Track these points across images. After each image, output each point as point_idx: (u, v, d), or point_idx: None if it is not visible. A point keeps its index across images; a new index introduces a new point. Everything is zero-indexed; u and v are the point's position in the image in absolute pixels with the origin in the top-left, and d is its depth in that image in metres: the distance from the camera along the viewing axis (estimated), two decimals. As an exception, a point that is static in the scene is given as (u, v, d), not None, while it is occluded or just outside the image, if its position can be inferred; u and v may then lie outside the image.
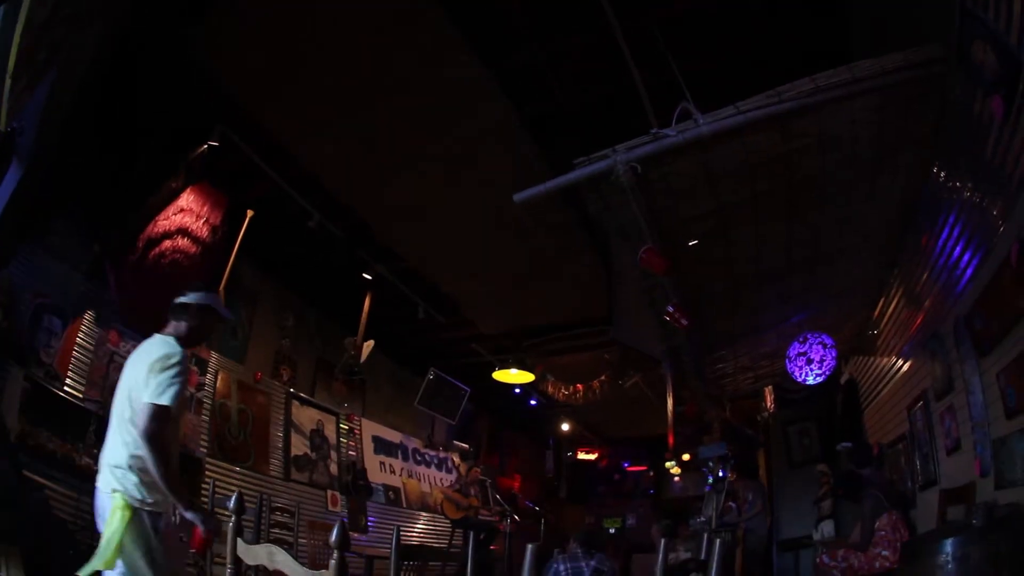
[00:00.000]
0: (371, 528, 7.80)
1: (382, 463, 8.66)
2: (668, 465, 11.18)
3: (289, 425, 7.18)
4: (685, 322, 4.53)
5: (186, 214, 5.39)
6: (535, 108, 4.91)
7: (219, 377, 6.34)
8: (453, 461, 9.36)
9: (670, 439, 8.35)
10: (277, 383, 7.22)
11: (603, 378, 9.19)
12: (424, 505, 9.01)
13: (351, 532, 6.89)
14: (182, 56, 4.43)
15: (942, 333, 4.12)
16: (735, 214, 4.10)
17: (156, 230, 5.18)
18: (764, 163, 3.59)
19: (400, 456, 9.12)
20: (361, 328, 7.20)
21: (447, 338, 8.89)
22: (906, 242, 4.67)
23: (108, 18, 3.42)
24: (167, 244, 5.29)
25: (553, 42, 4.40)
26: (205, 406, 6.08)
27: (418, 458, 9.50)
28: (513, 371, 8.79)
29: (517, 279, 7.16)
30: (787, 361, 5.95)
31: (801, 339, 5.84)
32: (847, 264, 5.05)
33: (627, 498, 13.79)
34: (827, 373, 5.81)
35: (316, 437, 7.57)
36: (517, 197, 3.59)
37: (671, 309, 4.50)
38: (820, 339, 5.76)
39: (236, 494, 2.35)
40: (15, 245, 4.13)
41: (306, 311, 7.81)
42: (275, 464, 6.81)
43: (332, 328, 7.99)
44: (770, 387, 8.56)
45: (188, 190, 5.34)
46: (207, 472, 5.79)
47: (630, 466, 14.14)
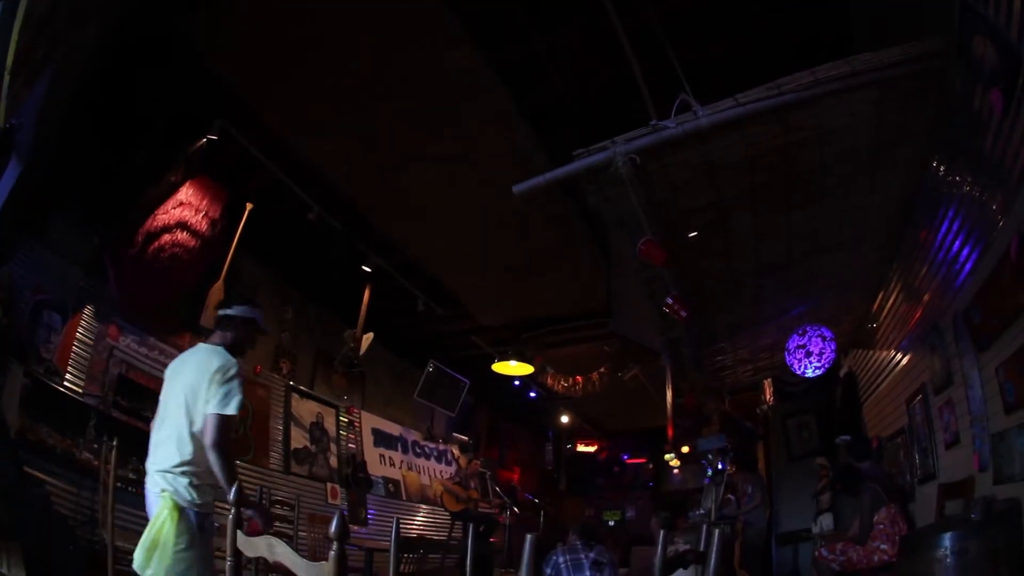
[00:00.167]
0: (371, 520, 7.82)
1: (382, 456, 8.67)
2: (667, 457, 11.18)
3: (289, 418, 7.20)
4: (684, 314, 4.53)
5: (185, 208, 5.37)
6: (535, 99, 4.90)
7: (219, 371, 6.32)
8: (453, 453, 9.39)
9: (669, 431, 8.38)
10: (277, 376, 7.23)
11: (602, 370, 9.19)
12: (424, 497, 9.03)
13: (351, 525, 6.94)
14: (181, 50, 4.41)
15: (941, 327, 4.12)
16: (734, 206, 4.09)
17: (155, 224, 5.17)
18: (763, 155, 3.58)
19: (400, 449, 9.13)
20: (360, 321, 7.21)
21: (446, 330, 8.90)
22: (905, 236, 4.67)
23: (107, 14, 3.41)
24: (166, 238, 5.27)
25: (552, 33, 4.39)
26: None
27: (418, 450, 9.51)
28: (512, 363, 8.79)
29: (516, 271, 7.16)
30: (786, 354, 5.95)
31: (800, 332, 5.84)
32: (846, 257, 5.05)
33: (626, 490, 13.83)
34: (826, 366, 5.81)
35: (316, 430, 7.58)
36: (516, 188, 3.59)
37: (670, 301, 4.49)
38: (819, 332, 5.77)
39: (236, 486, 2.36)
40: (15, 241, 4.12)
41: (306, 304, 7.81)
42: (275, 457, 6.83)
43: (331, 321, 8.00)
44: (769, 380, 8.58)
45: (187, 184, 5.32)
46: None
47: (629, 458, 14.17)
